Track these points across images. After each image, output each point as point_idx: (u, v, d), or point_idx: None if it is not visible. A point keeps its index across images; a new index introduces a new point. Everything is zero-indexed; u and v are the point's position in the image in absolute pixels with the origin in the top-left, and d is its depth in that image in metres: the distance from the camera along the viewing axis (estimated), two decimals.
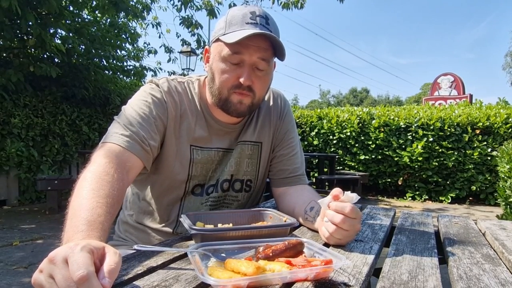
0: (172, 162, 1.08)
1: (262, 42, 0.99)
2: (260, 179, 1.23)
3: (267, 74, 1.05)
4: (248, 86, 1.01)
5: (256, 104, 1.07)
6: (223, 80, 1.01)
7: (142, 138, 0.96)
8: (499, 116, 6.31)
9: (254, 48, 0.98)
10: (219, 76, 1.02)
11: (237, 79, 1.00)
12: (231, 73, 1.00)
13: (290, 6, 6.80)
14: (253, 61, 0.99)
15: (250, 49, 0.98)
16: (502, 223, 1.19)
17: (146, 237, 1.15)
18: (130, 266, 0.67)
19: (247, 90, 1.01)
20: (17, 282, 2.59)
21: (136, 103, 1.04)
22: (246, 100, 1.03)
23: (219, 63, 1.02)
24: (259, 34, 0.96)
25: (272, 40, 0.99)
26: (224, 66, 1.01)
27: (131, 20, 7.17)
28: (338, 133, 7.45)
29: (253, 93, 1.03)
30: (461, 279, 0.67)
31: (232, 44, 0.97)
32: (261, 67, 1.01)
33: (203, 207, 1.14)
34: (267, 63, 1.02)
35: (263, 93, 1.08)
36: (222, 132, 1.14)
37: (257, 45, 0.98)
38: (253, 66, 1.00)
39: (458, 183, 6.46)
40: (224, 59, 1.00)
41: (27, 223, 4.44)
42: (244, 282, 0.56)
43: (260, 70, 1.01)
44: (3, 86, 5.08)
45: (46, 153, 5.85)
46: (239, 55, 0.99)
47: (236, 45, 0.97)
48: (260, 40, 0.98)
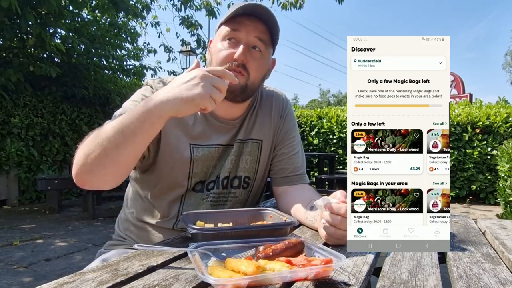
0: (172, 161, 1.08)
1: (259, 24, 1.04)
2: (259, 177, 1.23)
3: (263, 58, 1.07)
4: (243, 64, 1.03)
5: (250, 88, 1.07)
6: (219, 57, 1.05)
7: None
8: (499, 115, 6.31)
9: (251, 28, 1.03)
10: (216, 55, 1.06)
11: (232, 56, 1.03)
12: (227, 51, 1.04)
13: (289, 7, 6.79)
14: (249, 39, 1.03)
15: (247, 27, 1.03)
16: (502, 222, 1.19)
17: (146, 235, 1.15)
18: (130, 266, 0.67)
19: (242, 68, 1.03)
20: (17, 282, 2.59)
21: (126, 105, 1.07)
22: (240, 78, 1.02)
23: (218, 44, 1.07)
24: (257, 15, 1.02)
25: (269, 23, 1.04)
26: (221, 46, 1.05)
27: (131, 19, 7.17)
28: (338, 132, 7.45)
29: (247, 73, 1.04)
30: (461, 278, 0.67)
31: (229, 21, 1.02)
32: (257, 46, 1.05)
33: (204, 203, 1.15)
34: (264, 44, 1.06)
35: (258, 76, 1.09)
36: (221, 129, 1.15)
37: (254, 25, 1.03)
38: (249, 45, 1.04)
39: (458, 182, 6.47)
40: (223, 38, 1.05)
41: (27, 223, 4.44)
42: (244, 281, 0.56)
43: (256, 51, 1.05)
44: (3, 86, 5.08)
45: (46, 152, 5.86)
46: (235, 33, 1.03)
47: (234, 22, 1.02)
48: (257, 22, 1.04)
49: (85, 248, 3.43)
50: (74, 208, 5.44)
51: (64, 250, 3.35)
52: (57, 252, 3.30)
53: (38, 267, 2.91)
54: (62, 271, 2.82)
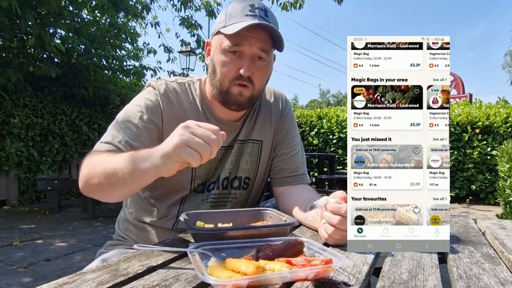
0: None
1: (261, 33, 1.01)
2: (260, 178, 1.23)
3: (267, 66, 1.07)
4: (248, 77, 1.03)
5: (256, 96, 1.08)
6: (224, 72, 1.03)
7: (124, 143, 0.99)
8: (499, 115, 6.31)
9: (254, 39, 1.01)
10: (220, 68, 1.04)
11: (238, 71, 1.02)
12: (231, 65, 1.02)
13: (289, 7, 6.79)
14: (253, 52, 1.02)
15: (250, 40, 1.00)
16: (502, 222, 1.19)
17: (146, 235, 1.15)
18: (130, 266, 0.67)
19: (247, 81, 1.03)
20: (17, 282, 2.59)
21: (129, 107, 1.07)
22: (245, 92, 1.04)
23: (220, 55, 1.04)
24: (258, 25, 0.99)
25: (271, 32, 1.02)
26: (224, 58, 1.03)
27: (131, 19, 7.17)
28: (338, 132, 7.45)
29: (253, 84, 1.04)
30: (461, 278, 0.67)
31: (232, 35, 0.99)
32: (262, 57, 1.03)
33: (204, 203, 1.15)
34: (267, 54, 1.04)
35: (263, 84, 1.10)
36: (223, 131, 1.14)
37: (256, 36, 1.01)
38: (253, 57, 1.03)
39: (458, 182, 6.47)
40: (224, 51, 1.02)
41: (27, 223, 4.44)
42: (244, 281, 0.56)
43: (260, 61, 1.04)
44: (2, 86, 5.08)
45: (46, 153, 5.85)
46: (239, 47, 1.01)
47: (236, 36, 0.99)
48: (259, 32, 1.01)
49: (85, 248, 3.43)
50: (74, 208, 5.44)
51: (64, 250, 3.35)
52: (57, 252, 3.30)
53: (38, 267, 2.91)
54: (62, 271, 2.82)
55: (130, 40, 7.78)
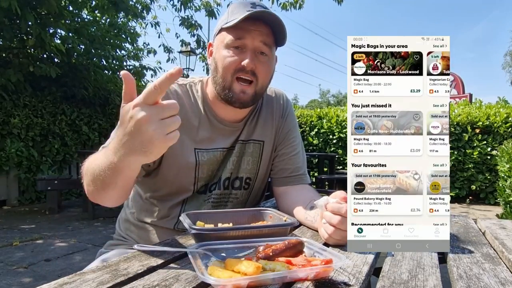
0: (177, 167, 1.08)
1: (263, 27, 1.02)
2: (261, 178, 1.23)
3: (270, 61, 1.07)
4: (252, 71, 1.02)
5: (259, 93, 1.08)
6: (226, 65, 1.02)
7: None
8: (499, 115, 6.31)
9: (256, 33, 1.01)
10: (222, 63, 1.03)
11: (240, 63, 1.01)
12: (234, 58, 1.02)
13: (289, 7, 6.79)
14: (255, 45, 1.02)
15: (252, 33, 1.00)
16: (502, 222, 1.19)
17: (147, 235, 1.15)
18: (130, 266, 0.67)
19: (251, 74, 1.02)
20: (17, 282, 2.59)
21: None
22: (248, 90, 1.04)
23: (222, 51, 1.03)
24: (260, 19, 1.00)
25: (273, 26, 1.02)
26: (227, 53, 1.03)
27: (131, 20, 7.17)
28: (338, 132, 7.45)
29: (256, 78, 1.04)
30: (461, 278, 0.67)
31: (234, 29, 1.00)
32: (264, 51, 1.03)
33: (205, 204, 1.15)
34: (269, 48, 1.04)
35: (266, 81, 1.09)
36: (226, 132, 1.14)
37: (258, 30, 1.01)
38: (255, 51, 1.02)
39: (458, 182, 6.47)
40: (227, 46, 1.02)
41: (27, 223, 4.44)
42: (244, 281, 0.56)
43: (263, 56, 1.03)
44: (3, 86, 5.08)
45: (46, 153, 5.85)
46: (241, 40, 1.01)
47: (238, 30, 0.99)
48: (261, 25, 1.01)
49: (85, 249, 3.43)
50: (74, 208, 5.44)
51: (64, 251, 3.35)
52: (57, 252, 3.30)
53: (38, 267, 2.91)
54: (62, 271, 2.82)
55: (130, 40, 7.79)
